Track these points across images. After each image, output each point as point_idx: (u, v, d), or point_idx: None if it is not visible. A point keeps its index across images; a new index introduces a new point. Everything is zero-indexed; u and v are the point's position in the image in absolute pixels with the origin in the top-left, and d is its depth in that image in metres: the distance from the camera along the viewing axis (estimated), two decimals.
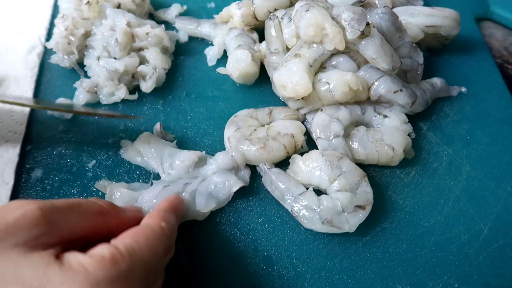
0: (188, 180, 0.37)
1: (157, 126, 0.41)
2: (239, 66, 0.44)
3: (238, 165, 0.38)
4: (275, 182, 0.37)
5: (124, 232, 0.27)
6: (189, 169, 0.37)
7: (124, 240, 0.25)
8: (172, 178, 0.37)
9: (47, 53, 0.48)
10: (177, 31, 0.51)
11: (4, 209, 0.24)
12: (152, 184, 0.38)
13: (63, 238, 0.24)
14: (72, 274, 0.22)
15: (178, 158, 0.37)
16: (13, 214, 0.23)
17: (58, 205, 0.25)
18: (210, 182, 0.37)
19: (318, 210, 0.35)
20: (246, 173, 0.38)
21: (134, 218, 0.31)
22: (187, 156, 0.37)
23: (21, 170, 0.38)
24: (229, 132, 0.40)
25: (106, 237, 0.28)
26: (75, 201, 0.27)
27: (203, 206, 0.36)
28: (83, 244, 0.26)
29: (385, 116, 0.42)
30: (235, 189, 0.37)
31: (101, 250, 0.24)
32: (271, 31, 0.44)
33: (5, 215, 0.24)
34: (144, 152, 0.38)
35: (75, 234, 0.26)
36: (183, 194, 0.36)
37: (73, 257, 0.23)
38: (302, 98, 0.40)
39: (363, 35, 0.39)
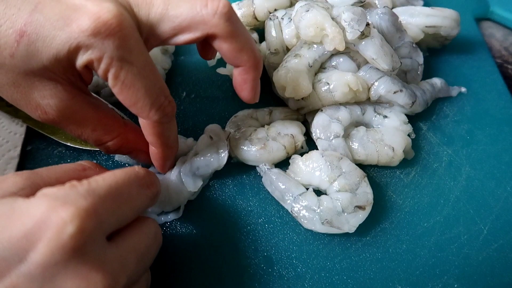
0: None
1: None
2: None
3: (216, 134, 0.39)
4: (275, 183, 0.37)
5: None
6: None
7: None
8: None
9: None
10: None
11: None
12: None
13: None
14: (33, 200, 0.24)
15: None
16: None
17: (38, 169, 0.28)
18: (192, 163, 0.37)
19: (318, 210, 0.35)
20: (224, 153, 0.38)
21: None
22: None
23: (21, 170, 0.38)
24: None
25: None
26: (57, 165, 0.29)
27: (192, 186, 0.36)
28: None
29: (385, 117, 0.42)
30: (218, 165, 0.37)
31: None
32: (271, 31, 0.44)
33: None
34: None
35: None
36: (171, 178, 0.36)
37: (39, 191, 0.25)
38: (302, 99, 0.40)
39: (363, 35, 0.39)
